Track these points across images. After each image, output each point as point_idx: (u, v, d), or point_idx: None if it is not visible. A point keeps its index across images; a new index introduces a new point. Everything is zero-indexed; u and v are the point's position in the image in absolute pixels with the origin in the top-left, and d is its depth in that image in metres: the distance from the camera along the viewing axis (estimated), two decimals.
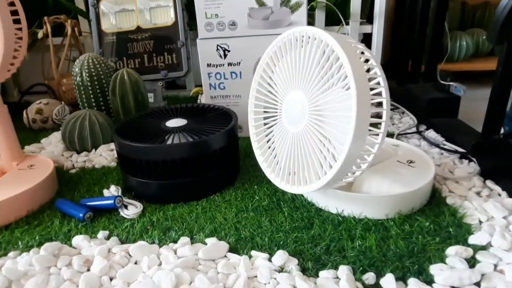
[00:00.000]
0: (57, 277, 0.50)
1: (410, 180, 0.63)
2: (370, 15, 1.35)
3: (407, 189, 0.61)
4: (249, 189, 0.73)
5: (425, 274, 0.49)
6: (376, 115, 0.56)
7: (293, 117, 0.60)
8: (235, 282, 0.48)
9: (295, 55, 0.59)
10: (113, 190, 0.74)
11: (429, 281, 0.48)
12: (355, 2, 1.29)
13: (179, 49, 1.20)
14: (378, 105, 0.56)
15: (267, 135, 0.69)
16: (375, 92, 0.54)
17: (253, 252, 0.54)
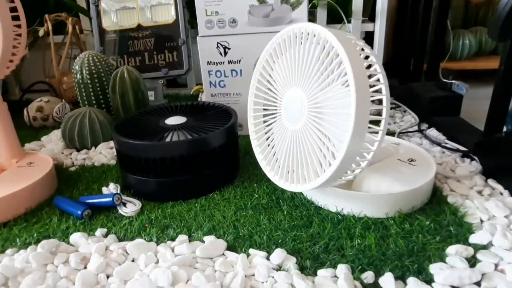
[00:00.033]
0: (54, 275, 0.50)
1: (411, 179, 0.63)
2: (372, 13, 1.34)
3: (408, 188, 0.60)
4: (249, 187, 0.72)
5: (425, 273, 0.48)
6: (377, 113, 0.56)
7: (292, 115, 0.59)
8: (232, 281, 0.48)
9: (295, 52, 0.58)
10: (112, 188, 0.74)
11: (429, 281, 0.47)
12: (357, 0, 1.28)
13: (180, 47, 1.20)
14: (378, 103, 0.55)
15: (267, 133, 0.69)
16: (375, 89, 0.54)
17: (251, 251, 0.54)
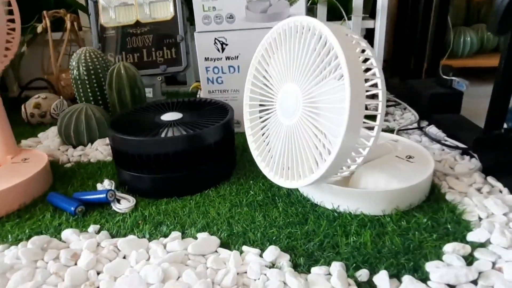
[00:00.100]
0: (43, 271, 0.49)
1: (409, 176, 0.61)
2: (373, 10, 1.32)
3: (405, 185, 0.59)
4: (245, 184, 0.71)
5: (421, 272, 0.47)
6: (374, 108, 0.55)
7: (287, 110, 0.58)
8: (224, 278, 0.47)
9: (290, 46, 0.57)
10: (107, 184, 0.73)
11: (424, 279, 0.46)
12: None
13: (179, 44, 1.19)
14: (375, 97, 0.54)
15: (262, 129, 0.68)
16: (371, 84, 0.53)
17: (245, 248, 0.53)
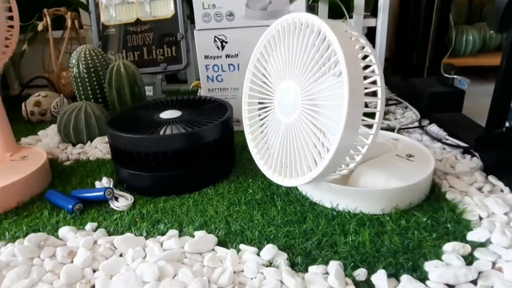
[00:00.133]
0: (39, 268, 0.49)
1: (409, 174, 0.61)
2: (375, 9, 1.32)
3: (405, 184, 0.58)
4: (243, 183, 0.71)
5: (419, 271, 0.47)
6: (373, 106, 0.54)
7: (286, 107, 0.58)
8: (221, 276, 0.46)
9: (288, 43, 0.57)
10: (105, 182, 0.73)
11: (423, 278, 0.46)
12: None
13: (179, 42, 1.18)
14: (374, 95, 0.53)
15: (261, 127, 0.67)
16: (370, 81, 0.52)
17: (242, 246, 0.53)
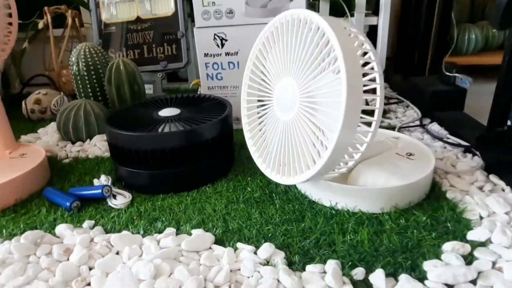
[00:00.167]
0: (35, 266, 0.49)
1: (409, 173, 0.60)
2: (376, 7, 1.31)
3: (404, 182, 0.58)
4: (242, 181, 0.70)
5: (418, 271, 0.46)
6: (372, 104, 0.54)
7: (284, 105, 0.57)
8: (217, 275, 0.46)
9: (287, 39, 0.56)
10: (103, 180, 0.73)
11: (422, 278, 0.45)
12: None
13: (179, 40, 1.18)
14: (374, 92, 0.53)
15: (259, 125, 0.67)
16: (370, 78, 0.52)
17: (239, 244, 0.52)
